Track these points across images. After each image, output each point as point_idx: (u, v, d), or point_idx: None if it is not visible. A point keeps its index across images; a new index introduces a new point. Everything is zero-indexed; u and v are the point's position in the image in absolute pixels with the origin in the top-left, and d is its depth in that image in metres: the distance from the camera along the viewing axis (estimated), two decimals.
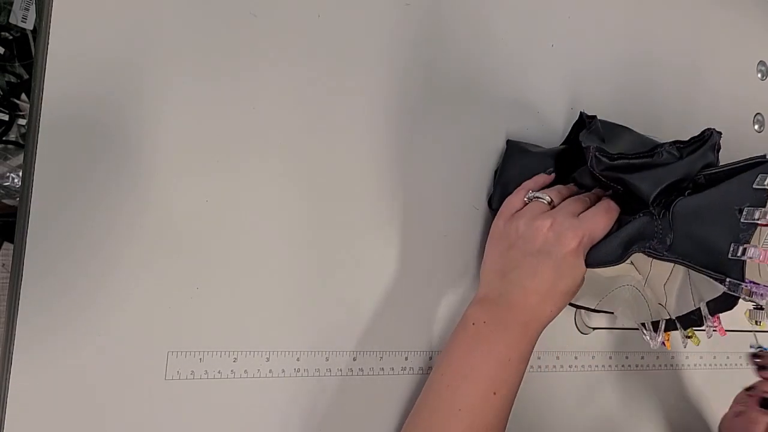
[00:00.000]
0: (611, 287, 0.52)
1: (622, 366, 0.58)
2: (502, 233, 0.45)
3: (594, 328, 0.57)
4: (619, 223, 0.44)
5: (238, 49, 0.42)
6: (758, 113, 0.71)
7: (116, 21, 0.39)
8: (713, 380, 0.65)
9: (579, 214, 0.43)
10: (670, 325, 0.49)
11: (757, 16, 0.72)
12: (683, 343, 0.50)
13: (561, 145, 0.53)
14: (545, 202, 0.45)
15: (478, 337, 0.42)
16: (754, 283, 0.38)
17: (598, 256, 0.42)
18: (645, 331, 0.50)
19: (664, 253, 0.41)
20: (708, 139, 0.42)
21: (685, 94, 0.65)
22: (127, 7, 0.39)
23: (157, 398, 0.39)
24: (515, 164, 0.51)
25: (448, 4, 0.50)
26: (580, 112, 0.52)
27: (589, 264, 0.43)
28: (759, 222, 0.38)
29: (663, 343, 0.49)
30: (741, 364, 0.61)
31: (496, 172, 0.52)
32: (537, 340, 0.43)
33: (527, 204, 0.46)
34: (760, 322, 0.47)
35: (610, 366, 0.58)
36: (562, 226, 0.42)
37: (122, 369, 0.38)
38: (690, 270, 0.42)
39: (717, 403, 0.61)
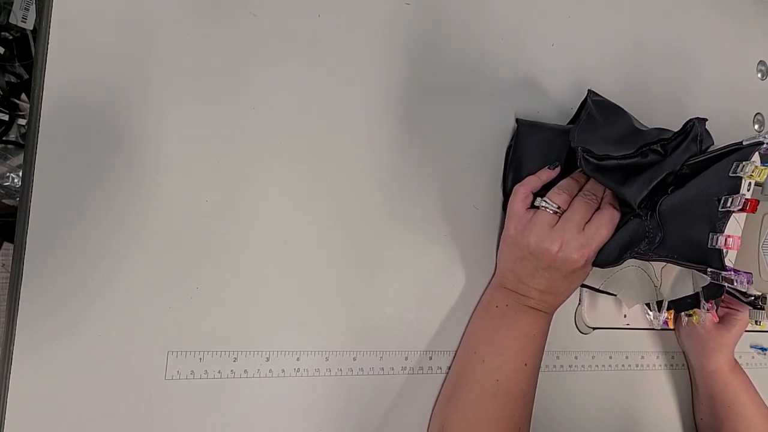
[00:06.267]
0: (617, 268, 0.53)
1: (622, 366, 0.58)
2: (514, 242, 0.47)
3: (594, 328, 0.57)
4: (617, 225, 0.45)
5: (238, 49, 0.42)
6: (758, 113, 0.71)
7: (116, 21, 0.39)
8: None
9: (585, 225, 0.45)
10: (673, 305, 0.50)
11: (757, 16, 0.72)
12: (684, 321, 0.51)
13: (568, 124, 0.54)
14: (551, 211, 0.46)
15: (503, 317, 0.47)
16: (735, 270, 0.39)
17: (600, 259, 0.46)
18: (649, 311, 0.51)
19: (650, 253, 0.43)
20: (691, 131, 0.43)
21: (686, 94, 0.65)
22: (127, 7, 0.39)
23: (157, 398, 0.39)
24: (527, 142, 0.51)
25: (448, 4, 0.50)
26: (588, 90, 0.51)
27: (593, 265, 0.46)
28: (732, 209, 0.38)
29: (665, 321, 0.50)
30: (740, 364, 0.61)
31: (508, 150, 0.52)
32: (552, 318, 0.49)
33: (535, 212, 0.47)
34: (759, 322, 0.47)
35: (610, 366, 0.58)
36: (569, 247, 0.44)
37: (122, 369, 0.38)
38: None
39: None
